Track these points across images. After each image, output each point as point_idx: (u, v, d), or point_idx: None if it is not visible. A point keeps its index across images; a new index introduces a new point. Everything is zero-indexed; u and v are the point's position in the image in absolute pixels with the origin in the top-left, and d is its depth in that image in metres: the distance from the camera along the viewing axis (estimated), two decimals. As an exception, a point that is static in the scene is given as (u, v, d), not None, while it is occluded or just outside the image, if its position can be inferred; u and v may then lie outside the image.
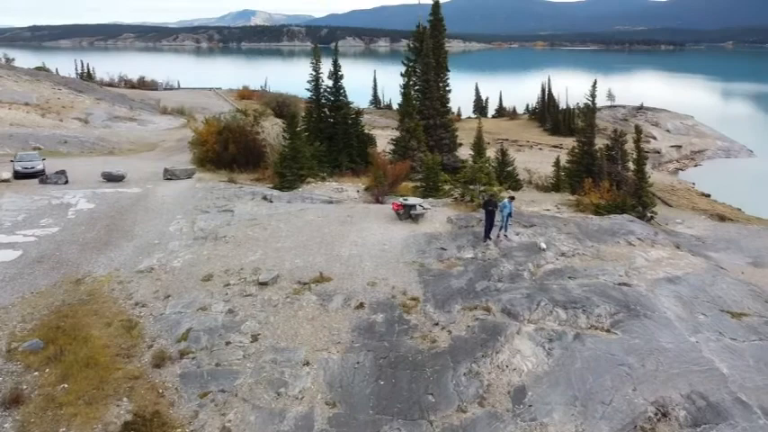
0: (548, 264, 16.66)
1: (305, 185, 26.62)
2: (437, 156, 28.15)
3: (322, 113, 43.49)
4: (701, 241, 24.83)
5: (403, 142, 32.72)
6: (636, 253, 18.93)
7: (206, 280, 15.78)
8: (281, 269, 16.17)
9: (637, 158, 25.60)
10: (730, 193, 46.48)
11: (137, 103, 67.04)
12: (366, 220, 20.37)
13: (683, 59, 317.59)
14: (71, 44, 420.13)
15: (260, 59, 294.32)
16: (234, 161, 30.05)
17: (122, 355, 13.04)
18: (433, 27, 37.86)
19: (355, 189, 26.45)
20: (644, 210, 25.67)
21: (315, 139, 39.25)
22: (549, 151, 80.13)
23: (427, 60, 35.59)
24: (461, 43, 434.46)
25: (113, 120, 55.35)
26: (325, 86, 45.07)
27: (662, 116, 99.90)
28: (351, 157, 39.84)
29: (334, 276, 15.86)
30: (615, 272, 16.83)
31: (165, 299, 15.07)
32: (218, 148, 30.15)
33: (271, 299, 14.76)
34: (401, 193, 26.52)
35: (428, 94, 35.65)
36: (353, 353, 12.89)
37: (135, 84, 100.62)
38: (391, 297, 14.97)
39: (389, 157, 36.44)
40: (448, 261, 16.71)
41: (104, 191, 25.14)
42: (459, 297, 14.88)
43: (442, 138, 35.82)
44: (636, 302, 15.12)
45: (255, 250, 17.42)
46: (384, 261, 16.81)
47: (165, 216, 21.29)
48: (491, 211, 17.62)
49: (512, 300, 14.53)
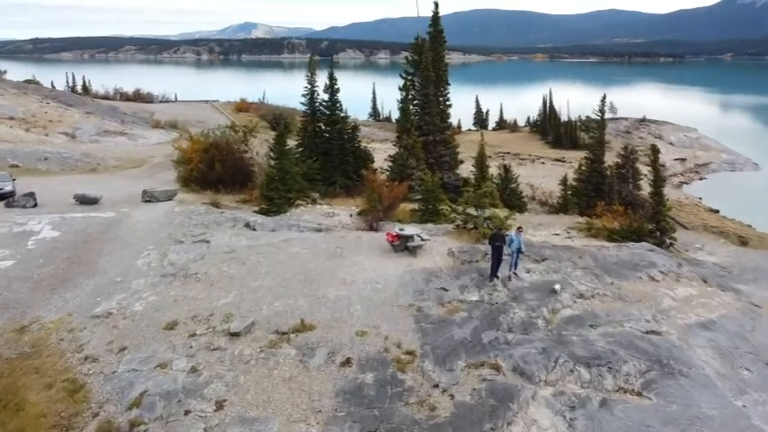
0: (565, 308, 14.49)
1: (293, 209, 24.54)
2: (437, 175, 26.12)
3: (317, 128, 41.67)
4: (726, 271, 22.65)
5: (401, 160, 30.67)
6: (661, 291, 16.77)
7: (169, 329, 13.62)
8: (257, 315, 14.01)
9: (654, 179, 23.59)
10: (738, 207, 44.61)
11: (129, 116, 65.22)
12: (357, 252, 18.25)
13: (682, 71, 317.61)
14: (72, 57, 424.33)
15: (260, 72, 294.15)
16: (220, 181, 27.98)
17: (60, 427, 10.88)
18: (433, 39, 36.03)
19: (348, 213, 24.34)
20: (662, 235, 23.57)
21: (310, 154, 37.34)
22: (551, 165, 78.51)
23: (426, 74, 33.66)
24: (461, 56, 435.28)
25: (102, 134, 53.40)
26: (320, 100, 43.28)
27: (665, 129, 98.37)
28: (346, 174, 37.84)
29: (318, 324, 13.70)
30: (641, 316, 14.66)
31: (119, 352, 12.90)
32: (204, 167, 28.09)
33: (242, 354, 12.59)
34: (398, 216, 24.43)
35: (427, 109, 33.61)
36: (336, 425, 10.70)
37: (130, 96, 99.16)
38: (383, 350, 12.80)
39: (386, 175, 34.46)
40: (449, 305, 14.55)
41: (74, 216, 23.04)
42: (462, 351, 12.71)
43: (443, 155, 33.72)
44: (669, 356, 12.95)
45: (229, 291, 15.26)
46: (376, 304, 14.66)
47: (134, 247, 19.18)
48: (498, 247, 15.50)
49: (525, 356, 12.35)
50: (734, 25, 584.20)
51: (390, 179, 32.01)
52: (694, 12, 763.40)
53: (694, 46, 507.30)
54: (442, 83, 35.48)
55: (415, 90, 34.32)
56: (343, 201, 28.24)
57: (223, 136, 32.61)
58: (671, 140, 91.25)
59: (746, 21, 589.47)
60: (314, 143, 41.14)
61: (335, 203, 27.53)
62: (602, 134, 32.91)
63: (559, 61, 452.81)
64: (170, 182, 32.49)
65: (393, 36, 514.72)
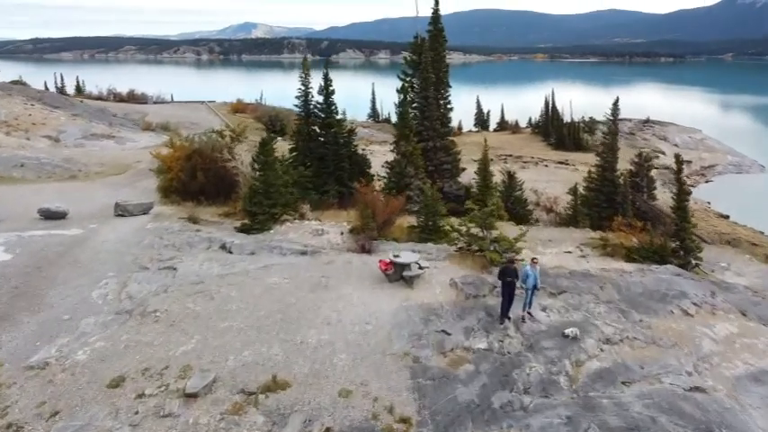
0: (590, 359, 12.13)
1: (279, 226, 22.13)
2: (437, 185, 23.80)
3: (311, 131, 39.43)
4: (759, 296, 20.31)
5: (398, 168, 28.27)
6: (698, 329, 14.43)
7: (113, 386, 11.27)
8: (221, 368, 11.66)
9: (678, 193, 21.24)
10: (748, 212, 42.46)
11: (119, 118, 62.79)
12: (346, 282, 15.89)
13: (683, 71, 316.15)
14: (72, 57, 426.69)
15: (259, 72, 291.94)
16: (202, 192, 25.56)
17: None
18: (433, 38, 33.62)
19: (339, 230, 21.95)
20: (687, 255, 21.24)
21: (303, 159, 35.09)
22: (554, 168, 76.43)
23: (426, 75, 31.22)
24: (461, 56, 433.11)
25: (89, 138, 51.00)
26: (315, 102, 41.01)
27: (670, 130, 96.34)
28: (341, 181, 35.51)
29: (294, 380, 11.36)
30: (681, 367, 12.32)
31: (50, 417, 10.55)
32: (185, 176, 25.67)
33: (197, 423, 10.24)
34: (394, 234, 22.04)
35: (427, 113, 31.09)
36: None
37: (124, 97, 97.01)
38: (372, 417, 10.46)
39: (383, 182, 32.14)
40: (452, 354, 12.20)
41: (33, 234, 20.69)
42: (468, 419, 10.35)
43: (443, 162, 31.24)
44: (720, 422, 10.61)
45: (191, 335, 12.90)
46: (365, 352, 12.31)
47: (93, 274, 16.83)
48: (510, 283, 13.13)
49: (546, 427, 10.00)
50: (734, 25, 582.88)
51: (387, 189, 29.61)
52: (694, 12, 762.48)
53: (694, 46, 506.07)
54: (443, 84, 33.01)
55: (413, 92, 31.89)
56: (335, 214, 25.87)
57: (209, 141, 30.26)
58: (676, 142, 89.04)
59: (747, 21, 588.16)
60: (308, 147, 38.91)
61: (327, 217, 25.14)
62: (614, 140, 30.36)
63: (560, 61, 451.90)
64: (152, 191, 30.14)
65: (393, 36, 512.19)
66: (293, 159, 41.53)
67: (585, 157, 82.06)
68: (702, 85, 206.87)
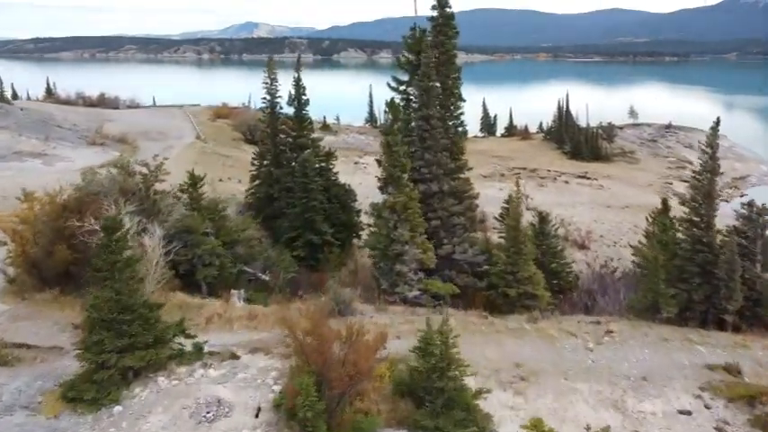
0: None
1: (138, 390, 11.63)
2: (444, 253, 14.13)
3: (279, 150, 30.41)
4: None
5: (386, 230, 18.33)
6: None
7: None
8: None
9: None
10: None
11: (63, 130, 53.22)
12: None
13: (688, 71, 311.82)
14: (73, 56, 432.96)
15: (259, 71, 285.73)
16: (69, 275, 15.73)
17: None
18: (438, 31, 23.82)
19: (255, 395, 11.87)
20: None
21: (267, 191, 26.65)
22: (576, 185, 67.99)
23: (427, 84, 21.03)
24: (464, 55, 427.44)
25: (10, 157, 41.57)
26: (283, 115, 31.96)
27: (695, 136, 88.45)
28: (315, 228, 26.26)
29: None
30: None
31: None
32: (38, 251, 15.83)
33: None
34: (366, 408, 11.96)
35: (429, 141, 20.80)
36: None
37: (94, 101, 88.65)
38: None
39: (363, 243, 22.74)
40: None
41: None
42: None
43: (452, 214, 20.75)
44: None
45: None
46: None
47: None
48: None
49: None
50: (737, 25, 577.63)
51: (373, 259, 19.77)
52: (697, 11, 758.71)
53: (698, 45, 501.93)
54: (453, 98, 22.98)
55: (410, 110, 21.90)
56: (282, 309, 16.13)
57: (110, 182, 20.69)
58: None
59: (749, 20, 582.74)
60: (273, 177, 29.87)
61: (264, 317, 15.36)
62: (712, 184, 19.79)
63: (563, 61, 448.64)
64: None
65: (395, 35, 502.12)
66: (254, 190, 31.99)
67: (606, 169, 73.41)
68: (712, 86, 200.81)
